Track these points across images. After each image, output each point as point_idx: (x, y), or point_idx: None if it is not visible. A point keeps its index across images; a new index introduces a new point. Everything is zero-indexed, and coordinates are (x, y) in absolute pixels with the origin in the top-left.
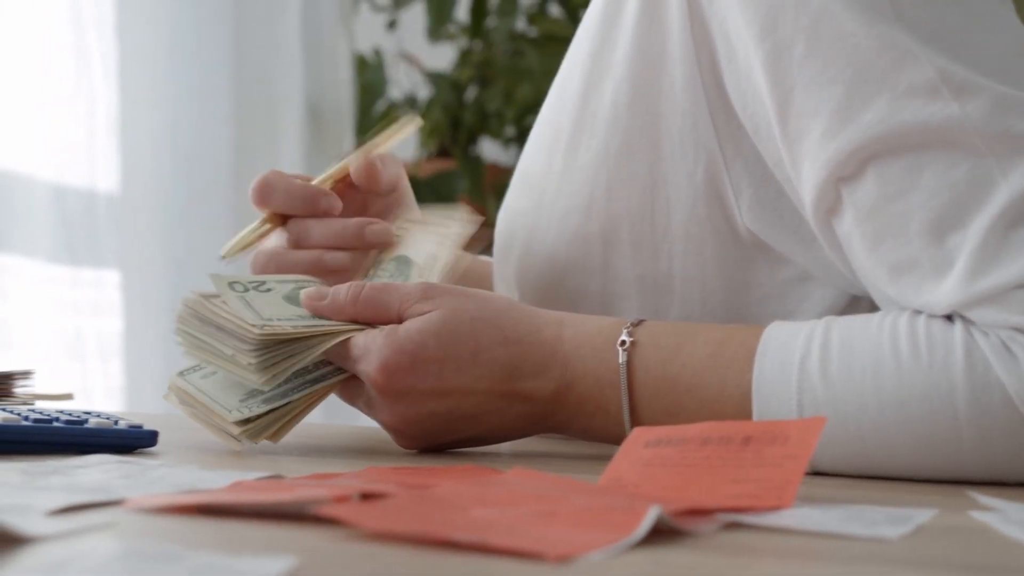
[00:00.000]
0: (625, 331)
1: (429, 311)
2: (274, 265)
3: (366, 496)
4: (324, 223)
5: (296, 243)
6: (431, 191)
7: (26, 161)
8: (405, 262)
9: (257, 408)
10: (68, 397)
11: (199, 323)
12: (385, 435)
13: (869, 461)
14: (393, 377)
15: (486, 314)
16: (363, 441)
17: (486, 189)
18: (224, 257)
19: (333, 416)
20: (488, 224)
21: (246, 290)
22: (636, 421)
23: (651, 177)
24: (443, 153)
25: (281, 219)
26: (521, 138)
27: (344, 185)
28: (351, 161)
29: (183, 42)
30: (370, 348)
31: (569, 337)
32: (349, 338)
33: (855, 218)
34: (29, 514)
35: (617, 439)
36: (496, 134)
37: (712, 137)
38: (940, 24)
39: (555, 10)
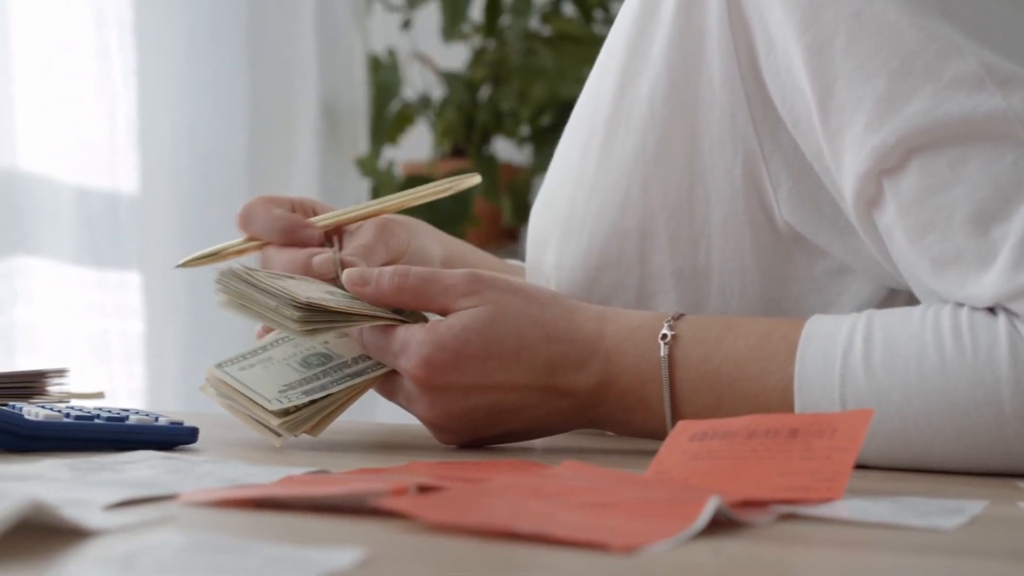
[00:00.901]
0: (666, 325)
1: (472, 305)
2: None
3: (423, 489)
4: (283, 252)
5: (263, 267)
6: None
7: (49, 163)
8: None
9: (296, 399)
10: (100, 396)
11: (243, 282)
12: (420, 430)
13: (912, 454)
14: (434, 373)
15: (529, 310)
16: (397, 436)
17: (501, 188)
18: (180, 266)
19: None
20: (500, 221)
21: (271, 276)
22: (677, 415)
23: (689, 171)
24: (457, 153)
25: (263, 243)
26: (536, 138)
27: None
28: (383, 205)
29: (200, 41)
30: (410, 343)
31: (610, 332)
32: (390, 328)
33: (897, 210)
34: (88, 508)
35: (658, 434)
36: (510, 133)
37: (750, 131)
38: (983, 16)
39: (569, 9)
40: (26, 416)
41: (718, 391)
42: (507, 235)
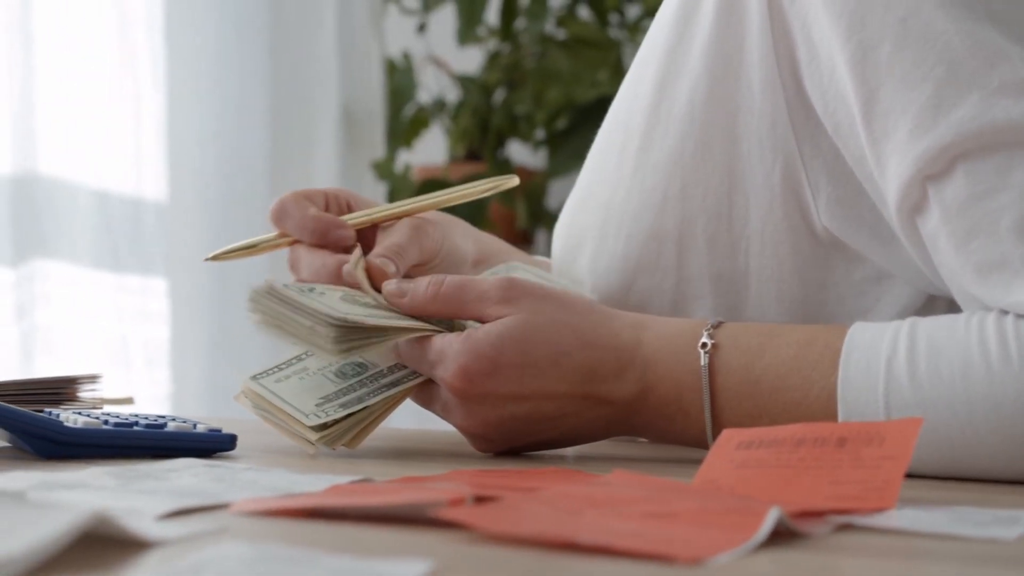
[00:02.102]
0: (705, 333)
1: (508, 314)
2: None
3: (479, 499)
4: (313, 254)
5: (292, 267)
6: None
7: (69, 167)
8: None
9: (334, 413)
10: (129, 401)
11: (276, 300)
12: (451, 436)
13: (957, 463)
14: (472, 382)
15: (565, 317)
16: (430, 443)
17: (516, 192)
18: (211, 259)
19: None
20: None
21: (302, 292)
22: (717, 424)
23: (728, 175)
24: (472, 156)
25: (295, 240)
26: (551, 141)
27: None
28: (419, 204)
29: (226, 46)
30: (447, 353)
31: (648, 340)
32: (425, 338)
33: (942, 217)
34: (141, 518)
35: (696, 442)
36: (525, 137)
37: (790, 137)
38: None
39: (584, 12)
40: (65, 423)
41: (759, 400)
42: (522, 238)
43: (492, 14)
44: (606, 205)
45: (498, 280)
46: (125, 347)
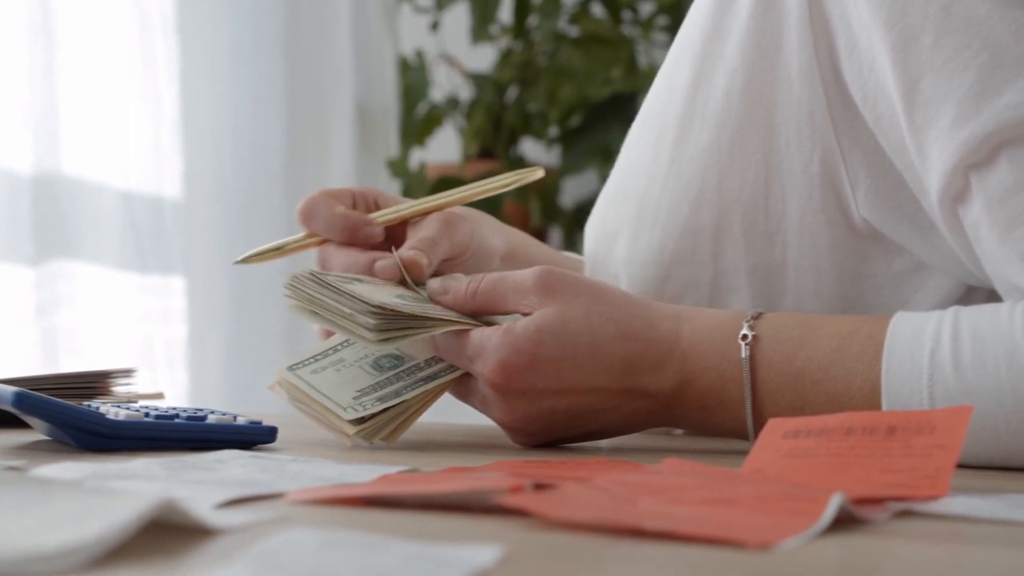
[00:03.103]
0: (746, 325)
1: (544, 306)
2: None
3: (538, 486)
4: (344, 252)
5: (322, 267)
6: None
7: (93, 167)
8: None
9: (372, 407)
10: (160, 396)
11: (316, 285)
12: (488, 430)
13: (1003, 453)
14: (511, 377)
15: (601, 308)
16: (465, 436)
17: (530, 190)
18: (240, 262)
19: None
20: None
21: (343, 280)
22: (758, 416)
23: (765, 167)
24: (485, 154)
25: (324, 240)
26: (564, 139)
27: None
28: (446, 200)
29: (241, 45)
30: (486, 347)
31: (687, 332)
32: (464, 332)
33: (985, 205)
34: (200, 506)
35: (736, 433)
36: (539, 135)
37: (828, 128)
38: None
39: (598, 10)
40: (107, 415)
41: (801, 392)
42: (536, 235)
43: (505, 12)
44: (641, 198)
45: (534, 271)
46: (148, 346)
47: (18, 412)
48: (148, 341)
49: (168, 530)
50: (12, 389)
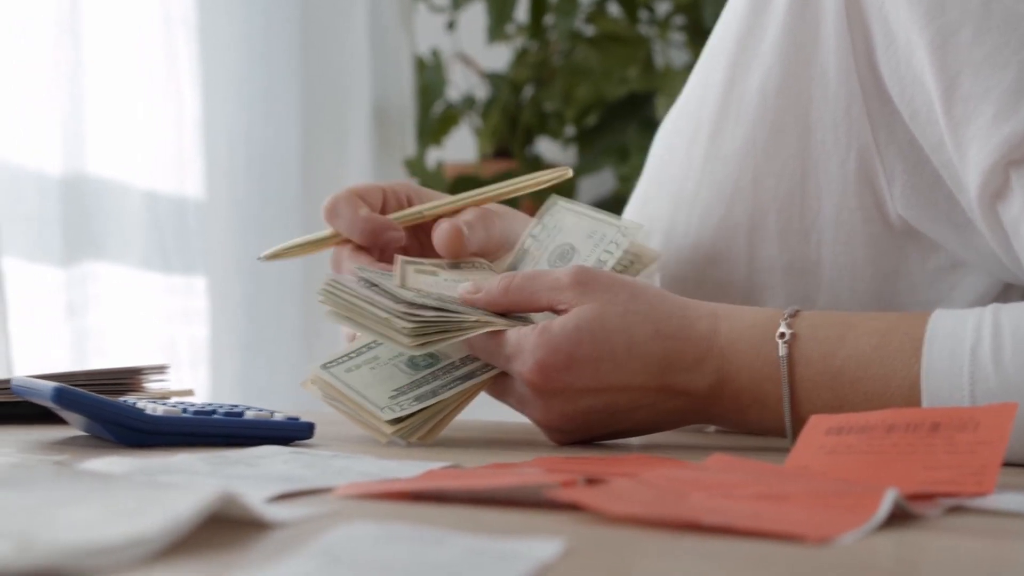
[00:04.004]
0: (784, 323)
1: (580, 304)
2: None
3: (589, 481)
4: (356, 258)
5: (334, 267)
6: None
7: (118, 167)
8: (568, 249)
9: (408, 407)
10: (190, 393)
11: (349, 293)
12: (521, 426)
13: None
14: (548, 377)
15: (638, 307)
16: (500, 432)
17: (546, 189)
18: (264, 258)
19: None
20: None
21: (378, 281)
22: (796, 414)
23: (801, 165)
24: (502, 153)
25: (346, 240)
26: (580, 138)
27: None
28: (468, 200)
29: (258, 44)
30: (523, 346)
31: (724, 330)
32: (500, 332)
33: None
34: (255, 501)
35: (773, 432)
36: (555, 134)
37: (865, 124)
38: None
39: (614, 9)
40: (146, 411)
41: (839, 391)
42: None
43: (520, 12)
44: (676, 196)
45: (570, 268)
46: (171, 346)
47: (57, 407)
48: (171, 341)
49: (219, 524)
50: (52, 384)
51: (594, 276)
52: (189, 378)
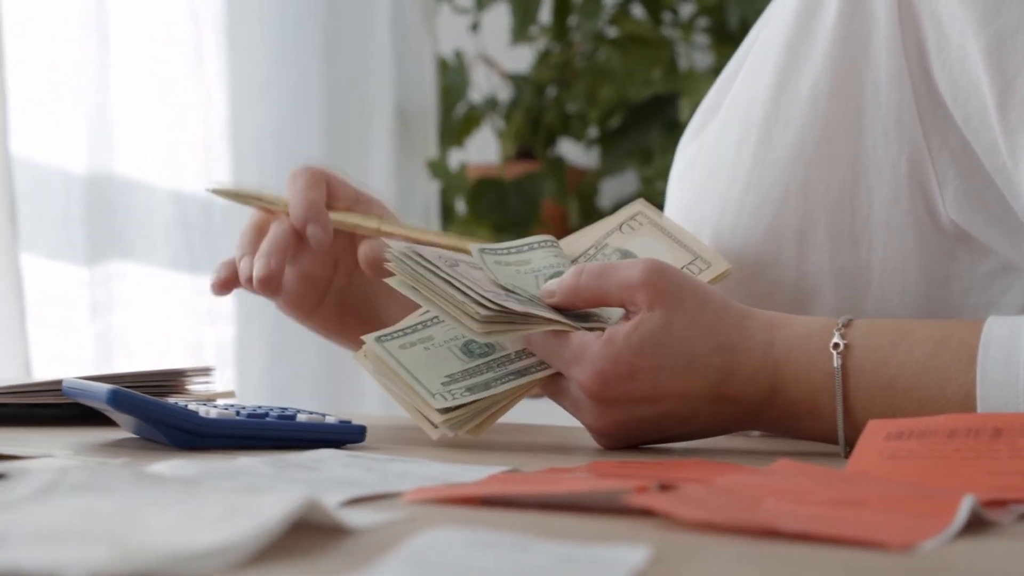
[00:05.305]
0: (837, 334)
1: (652, 309)
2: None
3: (662, 487)
4: (276, 234)
5: (256, 232)
6: (518, 193)
7: (145, 166)
8: (629, 257)
9: (460, 397)
10: (231, 395)
11: (419, 266)
12: (562, 428)
13: None
14: (608, 387)
15: (703, 316)
16: (542, 435)
17: (568, 191)
18: (210, 189)
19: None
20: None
21: (451, 264)
22: (850, 424)
23: (852, 169)
24: (524, 155)
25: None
26: (603, 140)
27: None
28: (417, 234)
29: (283, 44)
30: (586, 353)
31: (780, 340)
32: (563, 332)
33: None
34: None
35: (827, 439)
36: (578, 136)
37: (917, 128)
38: None
39: (638, 10)
40: (199, 414)
41: (893, 400)
42: None
43: (544, 13)
44: (723, 200)
45: (642, 267)
46: (199, 346)
47: (111, 409)
48: (197, 341)
49: (296, 529)
50: (106, 387)
51: (665, 276)
52: (217, 379)
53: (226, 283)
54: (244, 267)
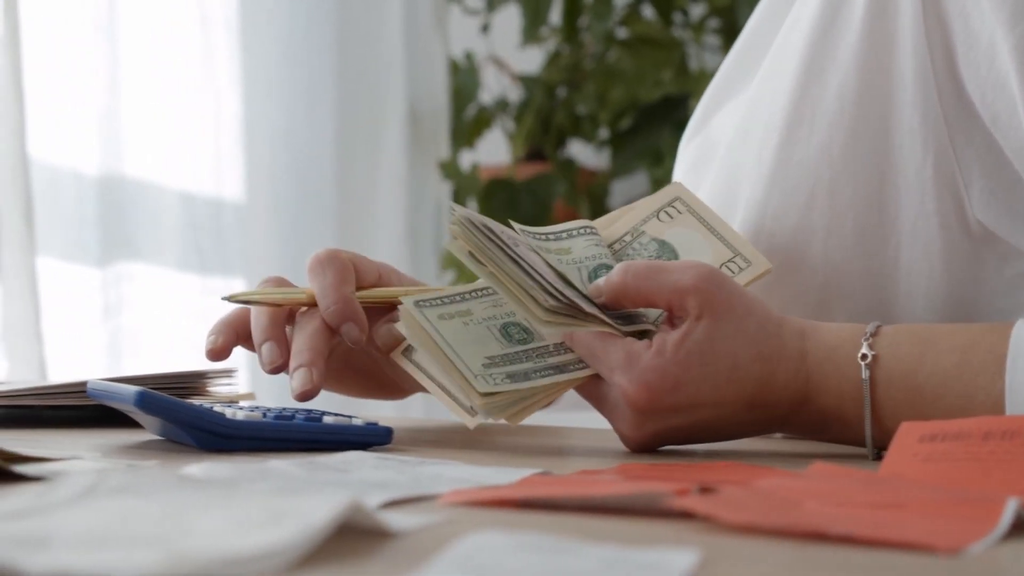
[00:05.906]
0: (865, 343)
1: (701, 318)
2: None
3: (702, 490)
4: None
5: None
6: (529, 194)
7: (154, 168)
8: (668, 249)
9: (501, 384)
10: (251, 396)
11: (487, 240)
12: (593, 432)
13: None
14: (652, 399)
15: (747, 327)
16: (564, 437)
17: (579, 192)
18: (226, 298)
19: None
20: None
21: (516, 245)
22: (878, 431)
23: (878, 170)
24: (535, 156)
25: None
26: (614, 141)
27: None
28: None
29: (295, 45)
30: (634, 363)
31: (811, 350)
32: (610, 336)
33: None
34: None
35: (854, 443)
36: (588, 137)
37: (942, 128)
38: None
39: (648, 11)
40: (227, 416)
41: (921, 408)
42: None
43: (555, 14)
44: (745, 201)
45: (694, 271)
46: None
47: (138, 411)
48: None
49: (338, 532)
50: (134, 389)
51: (719, 284)
52: (237, 380)
53: (223, 351)
54: (267, 354)
